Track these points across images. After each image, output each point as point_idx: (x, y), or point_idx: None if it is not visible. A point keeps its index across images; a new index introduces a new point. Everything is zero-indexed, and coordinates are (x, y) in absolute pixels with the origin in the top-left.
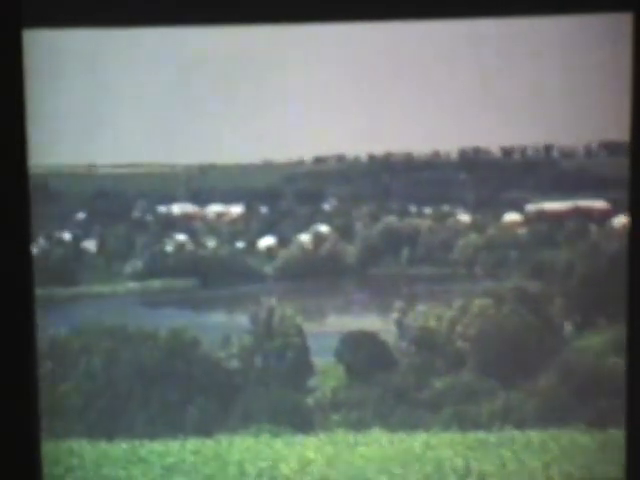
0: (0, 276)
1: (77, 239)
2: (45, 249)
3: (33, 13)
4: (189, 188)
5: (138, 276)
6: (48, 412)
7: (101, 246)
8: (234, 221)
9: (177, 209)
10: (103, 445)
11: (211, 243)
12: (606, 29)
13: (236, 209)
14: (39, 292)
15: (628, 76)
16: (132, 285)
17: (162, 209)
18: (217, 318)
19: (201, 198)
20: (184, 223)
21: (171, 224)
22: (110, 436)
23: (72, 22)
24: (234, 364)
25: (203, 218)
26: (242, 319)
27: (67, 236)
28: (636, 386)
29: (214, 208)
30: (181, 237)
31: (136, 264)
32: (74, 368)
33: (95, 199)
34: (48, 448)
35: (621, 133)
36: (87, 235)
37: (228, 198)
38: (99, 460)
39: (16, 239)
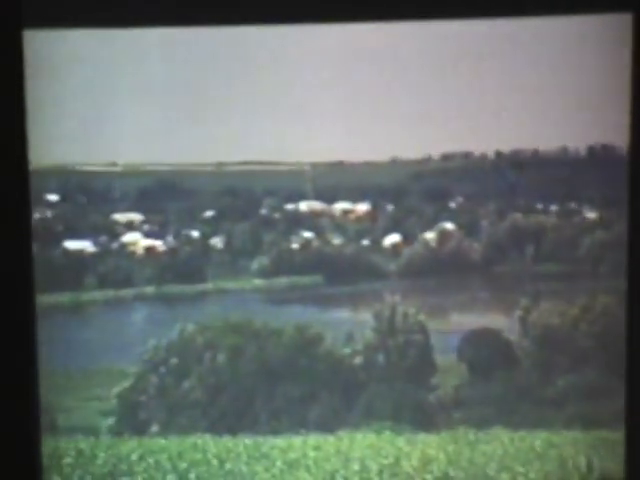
0: (1, 275)
1: (205, 236)
2: (174, 247)
3: (33, 13)
4: (316, 186)
5: (264, 273)
6: (172, 408)
7: (228, 243)
8: (360, 218)
9: (304, 207)
10: (227, 441)
11: (337, 240)
12: (606, 29)
13: (362, 207)
14: (168, 288)
15: (628, 76)
16: (258, 282)
17: (290, 207)
18: (341, 315)
19: (328, 196)
20: (311, 220)
21: (298, 221)
22: (234, 432)
23: (72, 22)
24: (357, 361)
25: (330, 215)
26: (366, 316)
27: (195, 233)
28: (636, 386)
29: (341, 205)
30: (307, 234)
31: (262, 261)
32: (199, 364)
33: (223, 197)
34: (167, 443)
35: (621, 133)
36: (215, 232)
37: (355, 195)
38: (222, 455)
39: (16, 239)
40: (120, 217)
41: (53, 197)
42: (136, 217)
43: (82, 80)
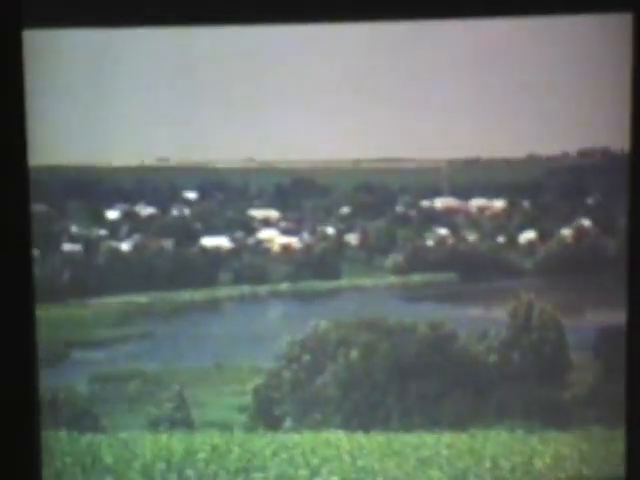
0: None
1: (340, 233)
2: (310, 243)
3: (33, 13)
4: (452, 182)
5: (398, 270)
6: (306, 404)
7: (363, 240)
8: (496, 215)
9: (440, 203)
10: (359, 437)
11: (472, 237)
12: (606, 29)
13: (498, 203)
14: (302, 285)
15: (628, 76)
16: (392, 279)
17: (425, 203)
18: (475, 312)
19: (464, 192)
20: (446, 217)
21: (433, 218)
22: (366, 428)
23: (72, 22)
24: (491, 358)
25: (465, 212)
26: (500, 313)
27: (330, 230)
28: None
29: (477, 202)
30: (442, 231)
31: (397, 258)
32: (332, 360)
33: (359, 193)
34: (300, 439)
35: (621, 133)
36: (350, 229)
37: (491, 192)
38: (354, 451)
39: (16, 239)
40: (257, 213)
41: (191, 195)
42: (272, 214)
43: (82, 80)
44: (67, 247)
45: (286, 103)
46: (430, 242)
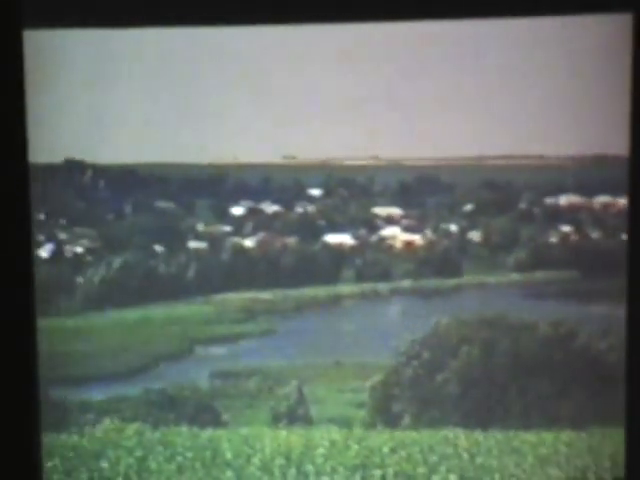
0: (1, 270)
1: (463, 230)
2: (432, 240)
3: (33, 13)
4: (576, 179)
5: (521, 267)
6: (425, 401)
7: (486, 237)
8: (621, 212)
9: (564, 200)
10: (478, 435)
11: (595, 234)
12: (606, 29)
13: (623, 200)
14: (424, 282)
15: (628, 76)
16: (515, 276)
17: (549, 200)
18: (598, 310)
19: (588, 189)
20: (570, 214)
21: (557, 215)
22: (485, 426)
23: (72, 22)
24: (613, 357)
25: (589, 209)
26: (623, 312)
27: (453, 227)
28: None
29: (601, 199)
30: (566, 228)
31: (520, 255)
32: (453, 357)
33: (482, 190)
34: (418, 436)
35: (621, 133)
36: (473, 226)
37: (616, 189)
38: (472, 449)
39: (16, 236)
40: (380, 211)
41: (316, 192)
42: (396, 211)
43: (82, 80)
44: (193, 244)
45: (412, 102)
46: (553, 239)
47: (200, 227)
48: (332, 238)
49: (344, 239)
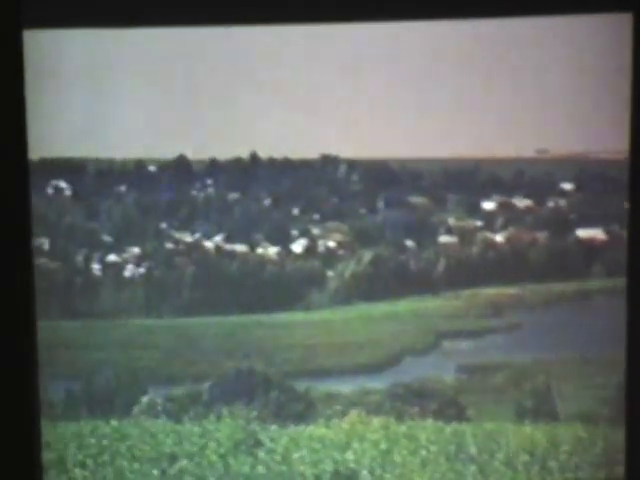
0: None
1: None
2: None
3: (33, 13)
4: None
5: None
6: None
7: None
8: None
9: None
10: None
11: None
12: (606, 29)
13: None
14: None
15: (628, 76)
16: None
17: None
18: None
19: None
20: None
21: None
22: None
23: (72, 22)
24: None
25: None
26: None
27: None
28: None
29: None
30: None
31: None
32: None
33: None
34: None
35: (621, 133)
36: None
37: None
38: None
39: (16, 238)
40: None
41: (568, 186)
42: None
43: (82, 80)
44: (443, 239)
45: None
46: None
47: (451, 221)
48: (583, 233)
49: (595, 234)
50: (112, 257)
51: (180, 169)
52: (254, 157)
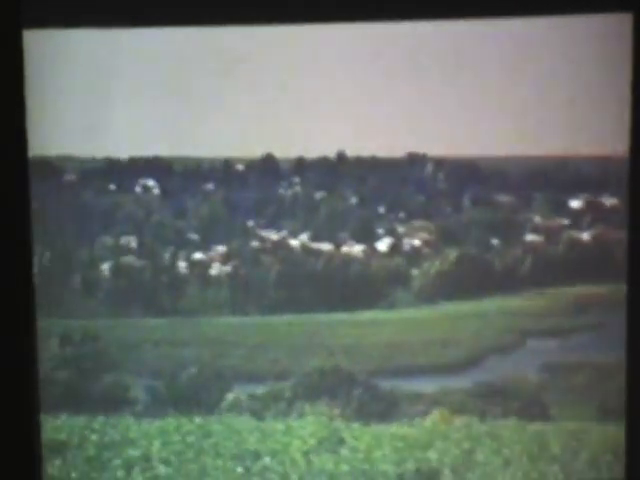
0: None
1: None
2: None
3: (33, 13)
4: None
5: None
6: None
7: None
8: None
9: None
10: None
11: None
12: (606, 29)
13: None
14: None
15: (628, 76)
16: None
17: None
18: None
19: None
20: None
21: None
22: None
23: (72, 22)
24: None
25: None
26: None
27: None
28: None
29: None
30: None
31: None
32: None
33: None
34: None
35: (621, 133)
36: None
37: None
38: None
39: (16, 237)
40: None
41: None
42: None
43: (82, 80)
44: (529, 237)
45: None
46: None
47: (537, 220)
48: None
49: None
50: (198, 255)
51: (267, 168)
52: (341, 156)
